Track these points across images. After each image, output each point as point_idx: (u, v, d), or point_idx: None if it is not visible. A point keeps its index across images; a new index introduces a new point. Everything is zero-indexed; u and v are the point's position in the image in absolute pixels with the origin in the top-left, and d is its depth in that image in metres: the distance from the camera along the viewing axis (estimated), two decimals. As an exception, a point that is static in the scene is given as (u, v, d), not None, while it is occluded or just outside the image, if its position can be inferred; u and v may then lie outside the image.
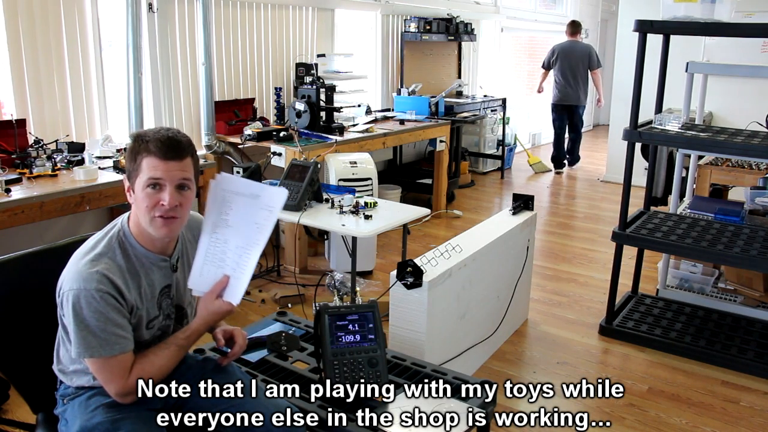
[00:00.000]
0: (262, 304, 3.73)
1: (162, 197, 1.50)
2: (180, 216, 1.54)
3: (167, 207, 1.50)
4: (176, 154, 1.51)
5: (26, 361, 1.70)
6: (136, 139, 1.53)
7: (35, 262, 1.77)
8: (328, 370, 1.76)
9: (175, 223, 1.54)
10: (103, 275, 1.46)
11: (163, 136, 1.51)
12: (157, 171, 1.49)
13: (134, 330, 1.53)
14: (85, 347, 1.45)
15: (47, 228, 3.54)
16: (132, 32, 3.74)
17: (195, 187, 1.57)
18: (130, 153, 1.54)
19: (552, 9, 9.70)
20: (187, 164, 1.53)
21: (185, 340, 1.61)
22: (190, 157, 1.54)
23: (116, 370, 1.49)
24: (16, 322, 1.67)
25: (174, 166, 1.50)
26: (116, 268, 1.50)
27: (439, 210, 5.63)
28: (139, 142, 1.51)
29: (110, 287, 1.47)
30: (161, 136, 1.50)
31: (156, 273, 1.60)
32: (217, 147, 4.40)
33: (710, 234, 3.26)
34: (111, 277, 1.47)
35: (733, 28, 3.14)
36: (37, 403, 1.73)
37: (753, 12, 5.48)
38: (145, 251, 1.57)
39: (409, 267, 2.48)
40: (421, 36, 6.07)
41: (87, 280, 1.45)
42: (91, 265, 1.47)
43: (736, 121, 4.75)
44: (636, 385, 2.97)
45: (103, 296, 1.45)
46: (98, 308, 1.44)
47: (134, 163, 1.52)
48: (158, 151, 1.49)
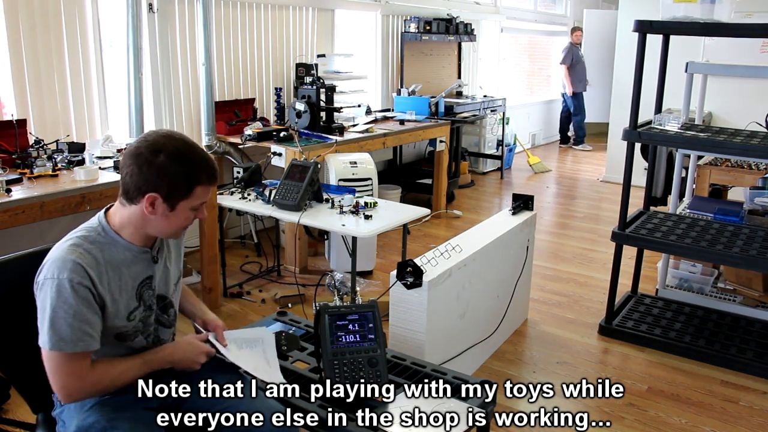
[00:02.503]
0: (262, 303, 3.74)
1: (199, 215, 1.61)
2: None
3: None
4: (216, 179, 1.63)
5: (26, 361, 1.70)
6: (187, 165, 1.53)
7: (35, 262, 1.77)
8: (328, 370, 1.76)
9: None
10: (78, 264, 1.46)
11: (210, 165, 1.58)
12: (206, 195, 1.60)
13: (111, 319, 1.53)
14: (49, 337, 1.44)
15: (48, 228, 3.54)
16: (132, 32, 3.75)
17: None
18: (181, 176, 1.52)
19: (552, 9, 9.70)
20: None
21: (152, 356, 1.62)
22: None
23: (73, 368, 1.47)
24: (15, 322, 1.68)
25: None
26: (93, 260, 1.50)
27: (439, 210, 5.63)
28: (191, 168, 1.54)
29: (84, 278, 1.46)
30: (210, 165, 1.58)
31: (137, 265, 1.61)
32: (218, 147, 4.41)
33: (710, 234, 3.26)
34: (86, 268, 1.47)
35: (733, 28, 3.15)
36: (37, 404, 1.73)
37: (753, 12, 5.48)
38: (127, 243, 1.58)
39: (409, 267, 2.48)
40: (421, 36, 6.08)
41: (61, 269, 1.45)
42: (67, 253, 1.48)
43: (736, 121, 4.75)
44: (636, 385, 2.97)
45: (75, 287, 1.44)
46: (68, 300, 1.44)
47: (185, 188, 1.54)
48: (210, 179, 1.58)
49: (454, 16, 6.58)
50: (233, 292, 3.85)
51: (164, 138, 1.53)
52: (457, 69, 7.10)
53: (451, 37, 6.48)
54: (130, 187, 1.54)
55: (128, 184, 1.54)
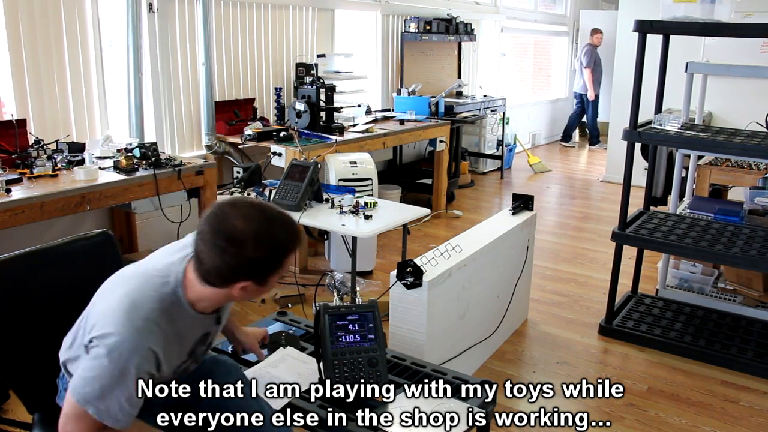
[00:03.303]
0: (262, 304, 3.74)
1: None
2: None
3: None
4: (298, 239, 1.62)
5: (23, 361, 1.70)
6: (273, 245, 1.45)
7: (34, 261, 1.77)
8: (328, 370, 1.76)
9: None
10: (151, 351, 1.41)
11: (291, 230, 1.51)
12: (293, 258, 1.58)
13: (156, 379, 1.48)
14: (91, 401, 1.38)
15: (47, 228, 3.54)
16: (132, 32, 3.75)
17: None
18: (272, 258, 1.46)
19: (552, 9, 9.70)
20: None
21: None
22: None
23: (94, 429, 1.42)
24: (14, 322, 1.67)
25: None
26: (164, 339, 1.44)
27: (439, 210, 5.63)
28: (279, 246, 1.46)
29: (152, 366, 1.42)
30: (291, 230, 1.51)
31: (200, 329, 1.59)
32: (218, 147, 4.41)
33: (710, 234, 3.26)
34: (157, 354, 1.42)
35: (733, 28, 3.15)
36: (34, 403, 1.73)
37: (752, 12, 5.48)
38: (198, 315, 1.54)
39: (409, 267, 2.48)
40: (421, 36, 6.07)
41: (132, 352, 1.38)
42: (143, 334, 1.41)
43: (736, 121, 4.75)
44: (636, 385, 2.97)
45: (142, 375, 1.39)
46: (129, 386, 1.38)
47: (277, 266, 1.47)
48: (294, 244, 1.52)
49: (454, 16, 6.58)
50: (233, 292, 3.85)
51: (240, 221, 1.41)
52: (457, 69, 7.10)
53: (451, 37, 6.48)
54: (214, 275, 1.44)
55: (212, 272, 1.44)
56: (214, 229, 1.42)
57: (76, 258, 1.89)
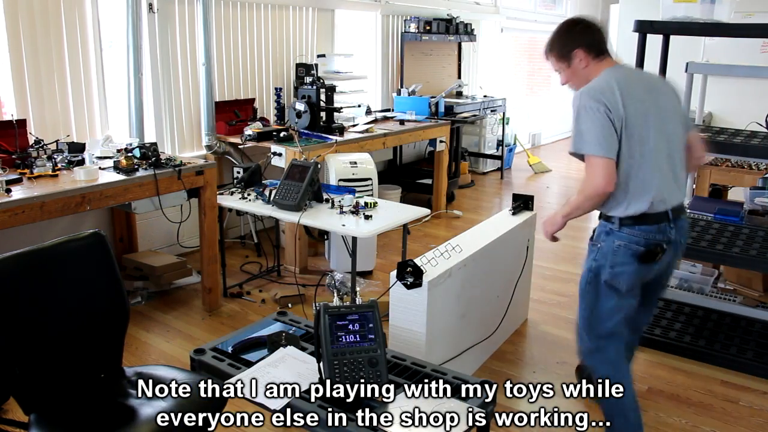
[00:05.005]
0: (262, 304, 3.74)
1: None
2: None
3: None
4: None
5: (17, 362, 1.70)
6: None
7: (26, 262, 1.77)
8: (328, 370, 1.76)
9: None
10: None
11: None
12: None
13: None
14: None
15: (48, 228, 3.54)
16: (132, 32, 3.75)
17: None
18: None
19: (552, 9, 9.70)
20: None
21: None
22: None
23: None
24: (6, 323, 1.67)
25: None
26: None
27: (439, 210, 5.63)
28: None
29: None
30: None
31: None
32: (218, 147, 4.41)
33: (710, 234, 3.26)
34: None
35: (733, 28, 3.15)
36: (29, 404, 1.73)
37: (752, 12, 5.48)
38: None
39: (409, 267, 2.48)
40: (421, 36, 6.08)
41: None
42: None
43: (736, 122, 4.75)
44: (636, 385, 2.97)
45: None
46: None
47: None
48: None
49: (454, 16, 6.58)
50: (233, 292, 3.85)
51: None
52: (457, 69, 7.10)
53: (451, 37, 6.48)
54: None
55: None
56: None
57: (68, 259, 1.90)
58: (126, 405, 1.81)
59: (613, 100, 2.07)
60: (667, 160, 2.16)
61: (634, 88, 2.15)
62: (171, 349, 3.21)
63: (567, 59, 2.25)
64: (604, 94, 2.08)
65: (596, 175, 2.08)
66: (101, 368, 1.94)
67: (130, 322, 2.06)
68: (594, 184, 2.10)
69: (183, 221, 3.89)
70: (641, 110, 2.12)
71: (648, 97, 2.16)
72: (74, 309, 1.87)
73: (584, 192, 2.15)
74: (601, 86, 2.11)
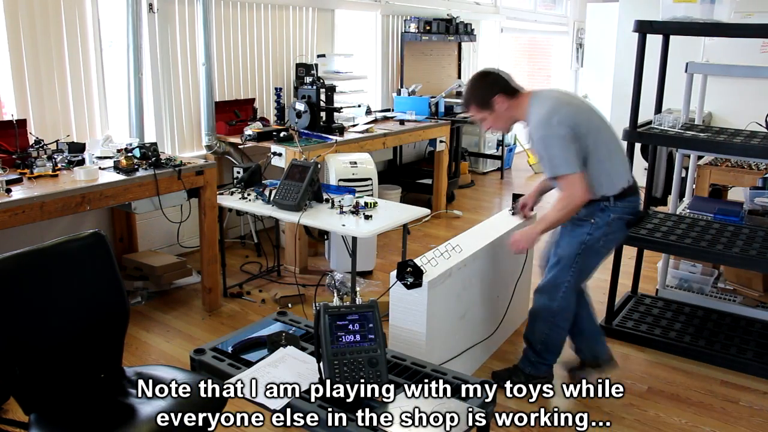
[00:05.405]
0: (262, 304, 3.74)
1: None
2: None
3: None
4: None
5: (19, 361, 1.70)
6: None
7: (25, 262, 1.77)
8: (328, 370, 1.76)
9: None
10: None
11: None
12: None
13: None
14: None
15: (48, 228, 3.54)
16: (132, 32, 3.75)
17: None
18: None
19: (552, 9, 9.70)
20: None
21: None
22: None
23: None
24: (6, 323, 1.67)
25: None
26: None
27: (439, 210, 5.63)
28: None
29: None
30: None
31: None
32: (218, 147, 4.41)
33: (709, 234, 3.26)
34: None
35: (733, 28, 3.15)
36: (29, 404, 1.73)
37: (752, 12, 5.48)
38: None
39: (409, 267, 2.48)
40: (421, 36, 6.08)
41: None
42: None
43: (736, 122, 4.75)
44: (635, 385, 2.97)
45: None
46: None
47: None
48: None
49: (454, 16, 6.58)
50: (233, 292, 3.85)
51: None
52: (457, 69, 7.10)
53: (451, 37, 6.48)
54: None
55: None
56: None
57: (68, 259, 1.90)
58: (126, 405, 1.81)
59: (568, 118, 2.41)
60: (621, 147, 2.66)
61: (572, 100, 2.56)
62: (171, 349, 3.21)
63: (489, 107, 2.55)
64: (559, 117, 2.41)
65: (577, 189, 2.43)
66: (101, 368, 1.94)
67: (130, 322, 2.06)
68: (576, 197, 2.44)
69: (183, 221, 3.89)
70: (588, 116, 2.50)
71: (582, 103, 2.59)
72: (74, 309, 1.87)
73: (567, 207, 2.48)
74: (552, 111, 2.43)
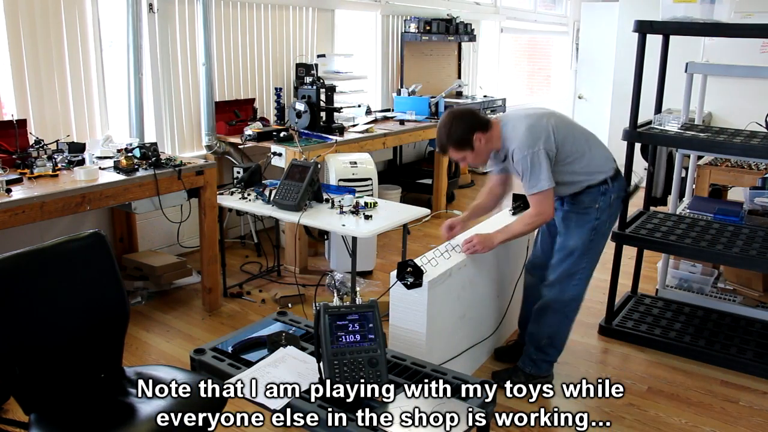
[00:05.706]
0: (262, 304, 3.74)
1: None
2: None
3: None
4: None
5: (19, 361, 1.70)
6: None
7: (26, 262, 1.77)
8: (328, 370, 1.76)
9: None
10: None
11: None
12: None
13: None
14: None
15: (48, 228, 3.54)
16: (132, 32, 3.75)
17: None
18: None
19: (551, 9, 9.70)
20: None
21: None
22: None
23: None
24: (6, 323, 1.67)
25: None
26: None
27: (439, 210, 5.63)
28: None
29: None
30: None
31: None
32: (218, 147, 4.41)
33: (709, 234, 3.26)
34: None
35: (733, 28, 3.15)
36: (29, 404, 1.73)
37: (752, 12, 5.48)
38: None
39: (409, 267, 2.48)
40: (421, 36, 6.07)
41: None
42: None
43: (736, 122, 4.75)
44: (635, 385, 2.97)
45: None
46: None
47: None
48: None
49: (454, 16, 6.57)
50: (233, 292, 3.86)
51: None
52: (457, 69, 7.10)
53: (451, 37, 6.48)
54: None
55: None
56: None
57: (68, 259, 1.90)
58: (126, 405, 1.81)
59: (546, 131, 2.52)
60: (593, 134, 2.75)
61: (538, 111, 2.67)
62: (171, 349, 3.21)
63: (468, 145, 2.62)
64: (539, 136, 2.51)
65: (548, 205, 2.52)
66: (101, 368, 1.94)
67: (130, 322, 2.06)
68: (545, 215, 2.55)
69: (183, 221, 3.89)
70: (556, 120, 2.59)
71: (545, 111, 2.69)
72: (74, 309, 1.87)
73: (534, 224, 2.61)
74: (531, 130, 2.53)
